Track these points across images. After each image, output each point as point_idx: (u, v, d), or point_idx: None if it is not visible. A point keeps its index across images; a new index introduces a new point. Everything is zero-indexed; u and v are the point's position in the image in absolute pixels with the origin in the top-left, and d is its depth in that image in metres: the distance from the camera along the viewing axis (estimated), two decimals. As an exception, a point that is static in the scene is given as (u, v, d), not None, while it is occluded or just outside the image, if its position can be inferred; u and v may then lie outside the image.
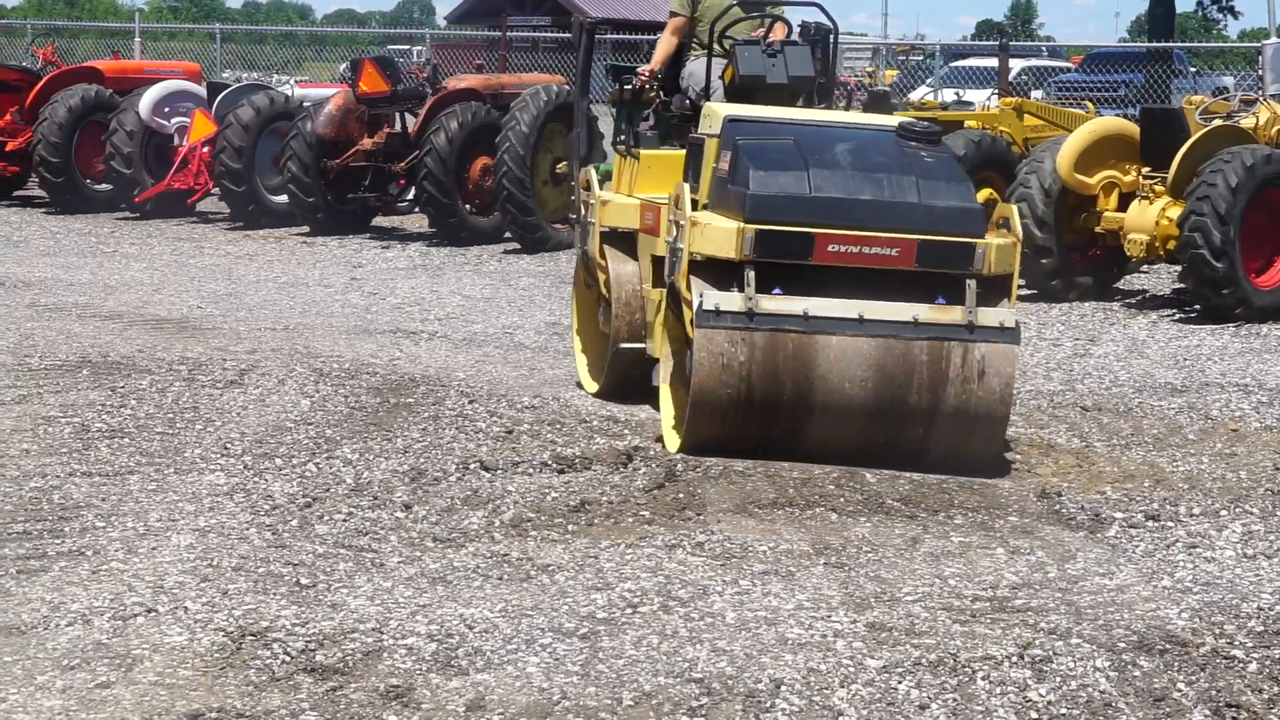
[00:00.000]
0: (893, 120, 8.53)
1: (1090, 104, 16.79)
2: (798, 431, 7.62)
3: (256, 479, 7.30)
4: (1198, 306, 12.68)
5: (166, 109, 19.24)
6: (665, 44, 10.11)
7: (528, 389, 9.32)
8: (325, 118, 17.37)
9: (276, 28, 59.60)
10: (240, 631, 5.38)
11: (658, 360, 8.40)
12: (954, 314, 7.55)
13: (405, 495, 7.05)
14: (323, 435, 8.11)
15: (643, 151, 9.31)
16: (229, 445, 7.88)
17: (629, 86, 9.75)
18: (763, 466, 7.52)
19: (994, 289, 7.70)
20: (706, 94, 9.51)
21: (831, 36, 9.78)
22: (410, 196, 17.73)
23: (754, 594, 5.88)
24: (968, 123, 14.65)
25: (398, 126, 17.70)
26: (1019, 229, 7.97)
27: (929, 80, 29.07)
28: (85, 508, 6.80)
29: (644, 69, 9.98)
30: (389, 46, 37.20)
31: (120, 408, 8.65)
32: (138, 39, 29.83)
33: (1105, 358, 10.93)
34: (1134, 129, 13.42)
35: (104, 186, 19.68)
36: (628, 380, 8.96)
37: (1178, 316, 12.71)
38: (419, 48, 28.53)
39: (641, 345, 8.82)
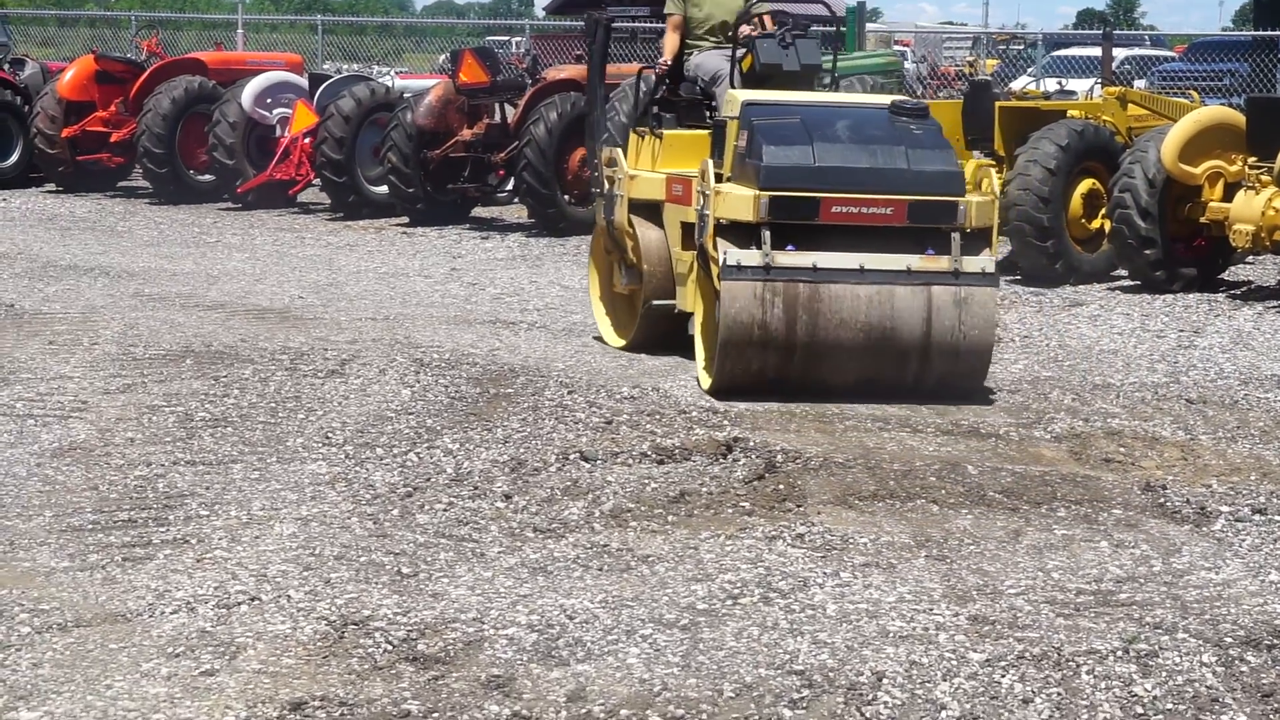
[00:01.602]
0: (885, 99, 9.92)
1: (1195, 93, 16.57)
2: (811, 368, 8.83)
3: (358, 468, 7.34)
4: (1305, 298, 12.51)
5: (269, 100, 19.39)
6: (671, 40, 11.29)
7: (627, 379, 9.32)
8: (425, 109, 17.44)
9: (376, 19, 59.95)
10: (343, 620, 5.41)
11: (688, 314, 9.75)
12: (941, 263, 8.83)
13: (505, 485, 7.07)
14: (423, 425, 8.14)
15: (665, 132, 10.49)
16: (330, 435, 7.93)
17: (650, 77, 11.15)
18: (863, 458, 7.49)
19: (976, 240, 8.98)
20: (714, 81, 10.86)
21: (836, 31, 11.40)
22: (509, 187, 17.78)
23: (855, 586, 5.85)
24: (1071, 112, 14.50)
25: (497, 117, 17.74)
26: (996, 187, 9.35)
27: (1030, 69, 28.84)
28: (189, 496, 6.87)
29: (661, 63, 11.26)
30: (488, 37, 37.33)
31: (223, 397, 8.73)
32: (240, 30, 30.08)
33: (1210, 349, 10.80)
34: (1239, 118, 13.24)
35: (207, 177, 19.85)
36: (655, 334, 10.27)
37: (1284, 308, 12.54)
38: (518, 38, 28.60)
39: (671, 302, 10.04)
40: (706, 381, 9.04)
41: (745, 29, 10.80)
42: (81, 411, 8.39)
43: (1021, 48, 35.59)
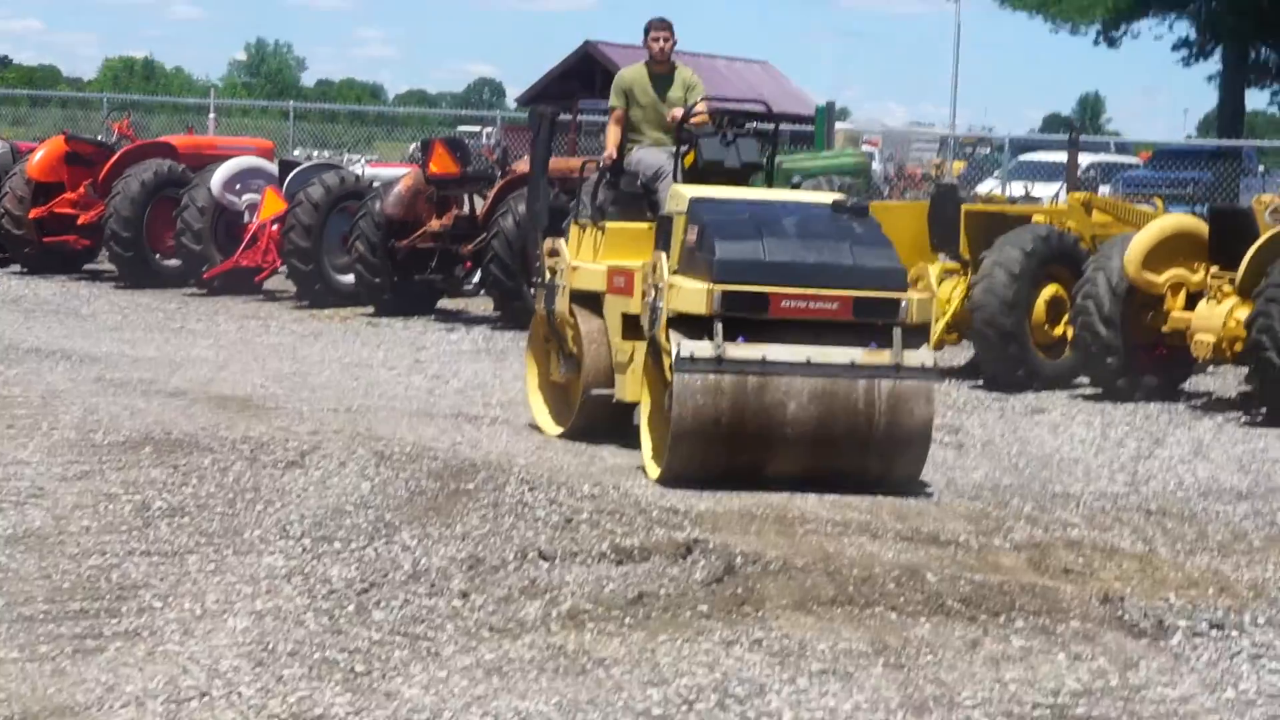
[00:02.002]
0: (828, 198, 10.17)
1: (1159, 201, 16.70)
2: (760, 458, 9.12)
3: (315, 562, 7.30)
4: (1265, 410, 12.56)
5: (238, 185, 19.39)
6: (613, 134, 11.73)
7: (588, 477, 9.29)
8: (394, 198, 17.47)
9: (348, 106, 60.12)
10: (294, 718, 5.36)
11: (625, 402, 10.06)
12: (884, 356, 9.12)
13: (463, 583, 7.03)
14: (382, 519, 8.11)
15: (608, 224, 10.80)
16: (288, 527, 7.89)
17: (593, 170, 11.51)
18: (823, 562, 7.47)
19: (916, 335, 9.28)
20: (655, 177, 11.25)
21: (774, 130, 12.00)
22: (477, 279, 17.78)
23: (811, 694, 5.83)
24: (1035, 217, 14.60)
25: (466, 208, 17.78)
26: (934, 285, 9.52)
27: (996, 173, 29.07)
28: (143, 587, 6.82)
29: (605, 157, 11.57)
30: (459, 128, 37.52)
31: (181, 486, 8.68)
32: (212, 115, 30.15)
33: (1170, 460, 10.83)
34: (1202, 227, 13.34)
35: (173, 262, 19.80)
36: (593, 422, 10.46)
37: (1244, 420, 12.58)
38: (489, 129, 28.77)
39: (610, 391, 10.25)
40: (655, 471, 9.29)
41: (692, 119, 11.17)
42: (38, 498, 8.33)
43: (988, 151, 35.92)
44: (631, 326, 10.03)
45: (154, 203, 19.71)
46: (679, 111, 11.29)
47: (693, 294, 9.15)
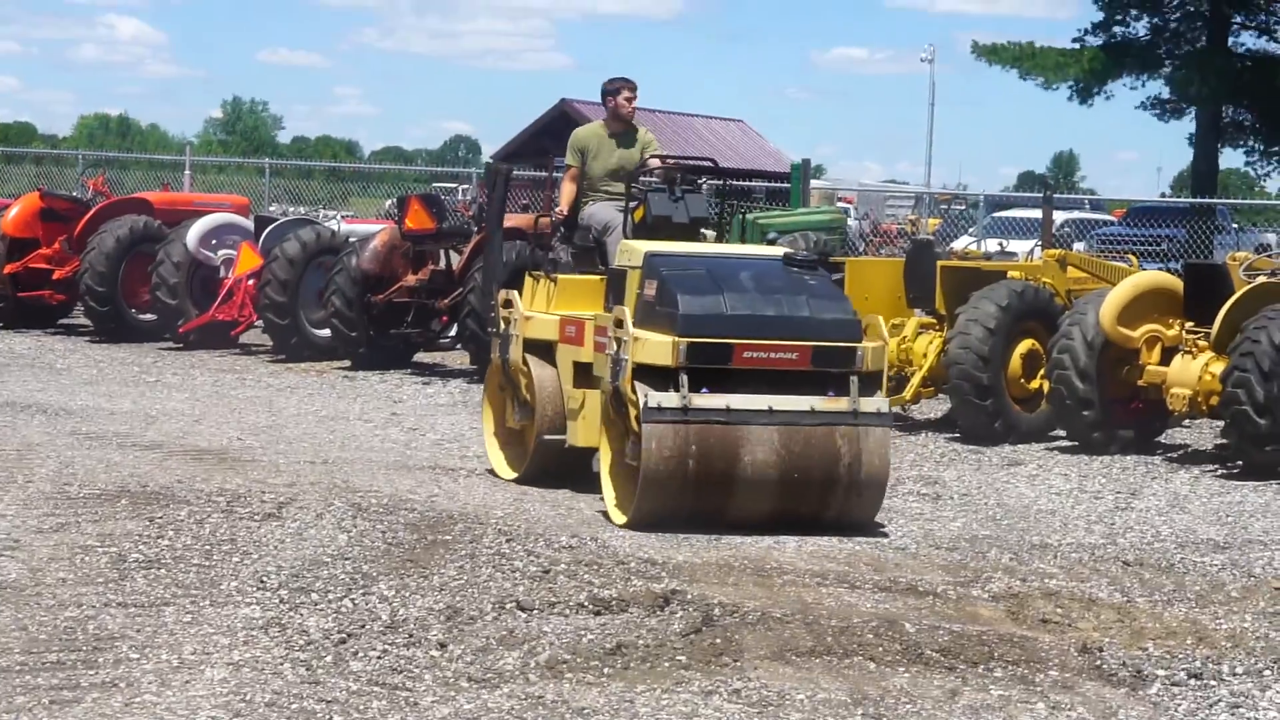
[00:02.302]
0: (779, 251, 10.67)
1: (1133, 258, 16.78)
2: (724, 503, 9.43)
3: (292, 613, 7.27)
4: (1240, 463, 12.60)
5: (214, 241, 19.39)
6: (568, 190, 12.31)
7: (565, 528, 9.29)
8: (370, 253, 17.48)
9: (324, 163, 60.15)
10: (271, 768, 5.33)
11: (578, 449, 10.37)
12: (841, 404, 9.49)
13: (441, 633, 7.01)
14: (359, 571, 8.08)
15: (560, 276, 11.20)
16: (265, 579, 7.86)
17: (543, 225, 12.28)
18: (801, 613, 7.47)
19: (870, 382, 9.64)
20: (605, 231, 11.74)
21: (723, 185, 12.88)
22: (453, 333, 17.79)
23: (791, 744, 5.81)
24: (1011, 273, 14.65)
25: (442, 264, 17.80)
26: (885, 334, 10.02)
27: (971, 230, 29.18)
28: (120, 639, 6.78)
29: (557, 212, 12.26)
30: (435, 184, 37.56)
31: (158, 538, 8.65)
32: (187, 171, 30.18)
33: (1147, 512, 10.85)
34: (1177, 283, 13.40)
35: (149, 316, 19.78)
36: (546, 468, 10.75)
37: (1220, 472, 12.62)
38: (465, 186, 28.80)
39: (562, 437, 10.53)
40: (620, 518, 9.56)
41: (649, 174, 11.70)
42: (13, 550, 8.30)
43: (963, 208, 36.04)
44: (582, 374, 10.35)
45: (129, 258, 19.70)
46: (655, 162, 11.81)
47: (658, 346, 9.44)
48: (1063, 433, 13.67)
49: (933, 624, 7.44)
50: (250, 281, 18.72)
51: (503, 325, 11.21)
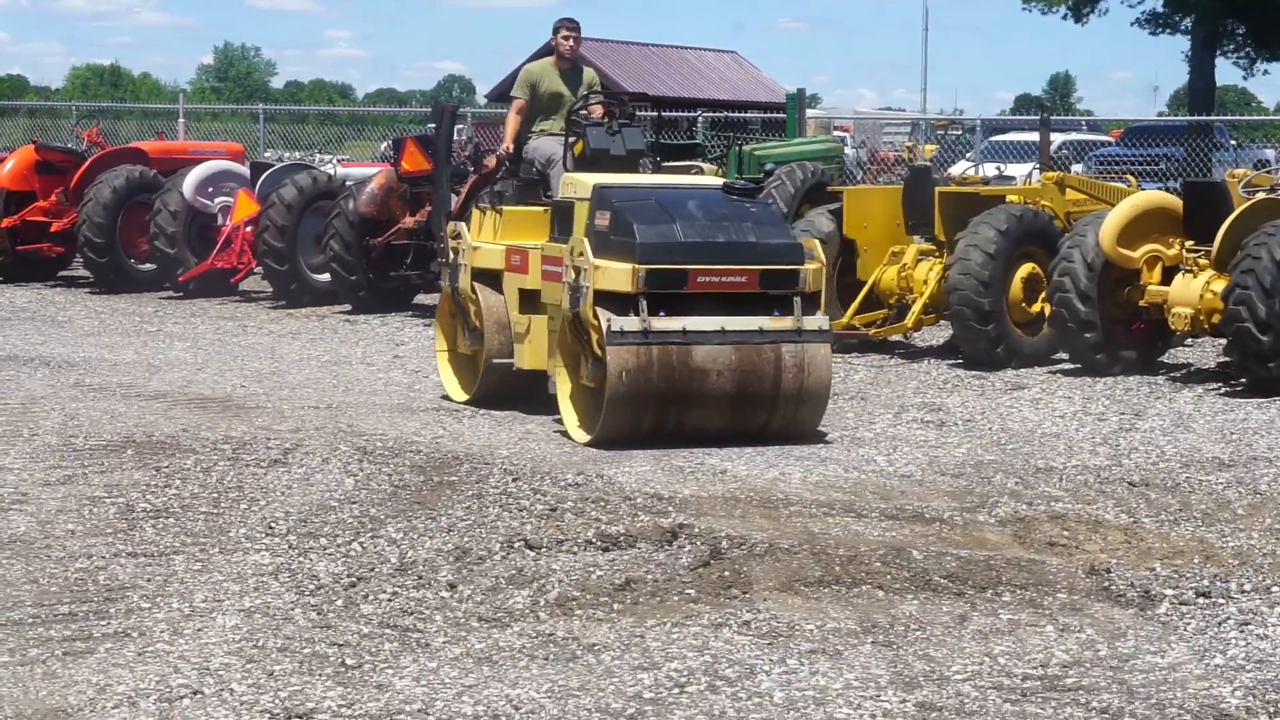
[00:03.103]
0: (718, 181, 11.46)
1: (1132, 178, 16.73)
2: (683, 417, 10.04)
3: (301, 559, 7.29)
4: (1244, 380, 12.61)
5: (210, 189, 19.38)
6: (513, 124, 12.92)
7: (571, 466, 9.30)
8: (367, 196, 17.46)
9: (318, 107, 59.94)
10: (286, 713, 5.36)
11: (529, 370, 11.08)
12: (786, 322, 10.14)
13: (450, 574, 7.03)
14: (367, 514, 8.10)
15: (505, 208, 11.73)
16: (273, 525, 7.88)
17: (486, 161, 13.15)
18: (808, 543, 7.49)
19: (812, 302, 10.29)
20: (548, 164, 12.30)
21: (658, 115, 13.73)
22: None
23: (801, 673, 5.83)
24: (1009, 197, 14.63)
25: (440, 204, 17.74)
26: (822, 256, 10.63)
27: (969, 155, 29.11)
28: (131, 588, 6.80)
29: (502, 149, 13.01)
30: (430, 125, 37.45)
31: (165, 488, 8.67)
32: (181, 119, 30.06)
33: (1151, 432, 10.86)
34: (1176, 203, 13.37)
35: (148, 266, 19.81)
36: (495, 389, 11.46)
37: (1223, 390, 12.62)
38: (460, 126, 28.70)
39: (509, 360, 11.26)
40: (582, 436, 10.16)
41: (594, 111, 12.32)
42: (21, 503, 8.31)
43: (959, 133, 35.94)
44: (528, 301, 11.07)
45: (126, 208, 19.72)
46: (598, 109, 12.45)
47: (619, 274, 9.99)
48: (1065, 356, 13.68)
49: (940, 550, 7.46)
50: (248, 228, 18.71)
51: (451, 255, 11.87)
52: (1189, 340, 14.31)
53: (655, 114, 20.42)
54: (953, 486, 9.00)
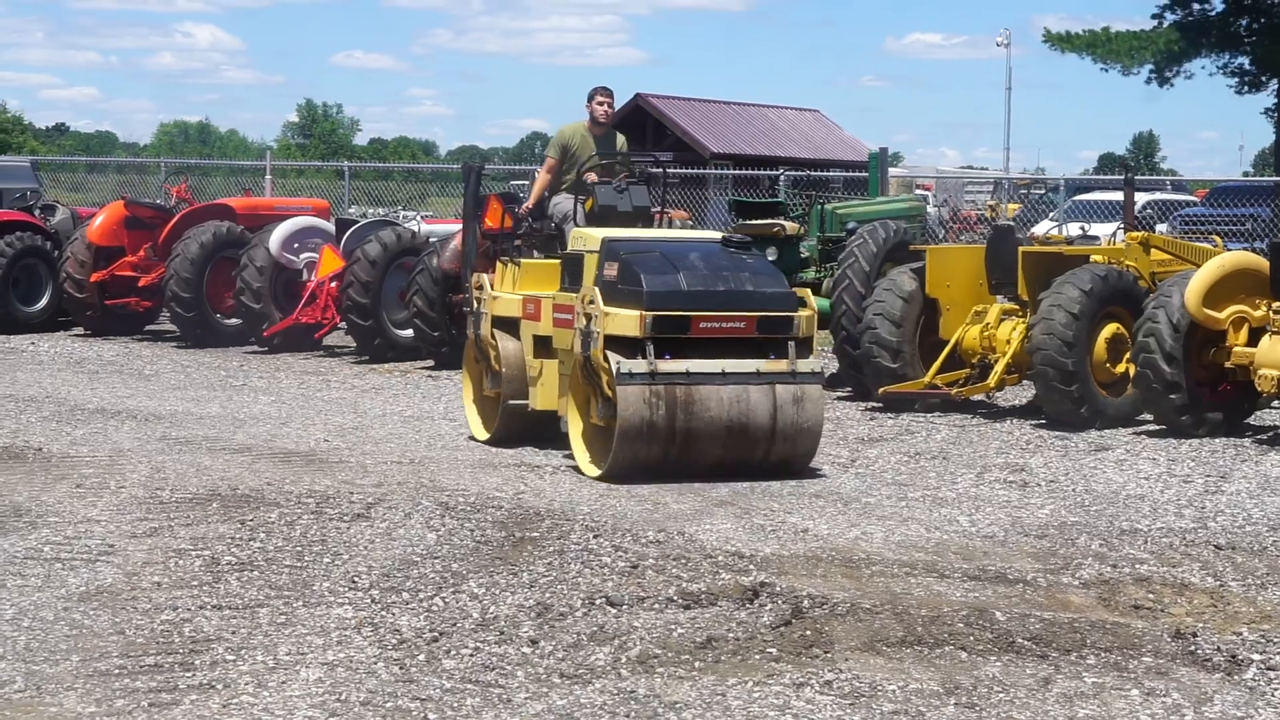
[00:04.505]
0: (716, 235, 12.06)
1: (1218, 238, 16.62)
2: (686, 453, 10.81)
3: (384, 613, 7.33)
4: (1331, 443, 12.47)
5: (295, 245, 19.57)
6: (541, 182, 13.78)
7: (651, 523, 9.31)
8: (451, 253, 17.55)
9: (402, 164, 60.38)
10: (369, 767, 5.37)
11: (542, 410, 11.94)
12: (781, 365, 10.96)
13: (531, 630, 7.05)
14: (449, 569, 8.14)
15: (523, 260, 12.62)
16: (356, 579, 7.92)
17: (513, 216, 13.66)
18: (890, 603, 7.46)
19: (806, 346, 11.11)
20: (564, 220, 13.22)
21: (664, 177, 14.53)
22: (534, 331, 17.82)
23: (884, 734, 5.80)
24: (1094, 257, 14.56)
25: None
26: (814, 304, 11.41)
27: (1052, 214, 28.99)
28: (216, 641, 6.86)
29: (526, 205, 13.76)
30: (512, 182, 37.66)
31: (249, 540, 8.74)
32: (268, 176, 30.38)
33: (1238, 495, 10.76)
34: (1263, 263, 13.27)
35: (233, 321, 19.99)
36: (513, 428, 12.26)
37: (1311, 453, 12.49)
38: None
39: (525, 401, 12.05)
40: (594, 471, 10.92)
41: (591, 176, 13.18)
42: (108, 555, 8.40)
43: (1042, 192, 35.81)
44: (541, 346, 11.86)
45: (213, 263, 19.93)
46: (593, 176, 13.27)
47: (627, 320, 10.81)
48: (1149, 417, 13.57)
49: (1023, 612, 7.41)
50: (333, 284, 18.87)
51: (475, 305, 12.69)
52: (1275, 402, 14.16)
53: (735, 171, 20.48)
54: (1036, 548, 8.94)
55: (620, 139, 13.98)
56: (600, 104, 13.87)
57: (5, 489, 10.21)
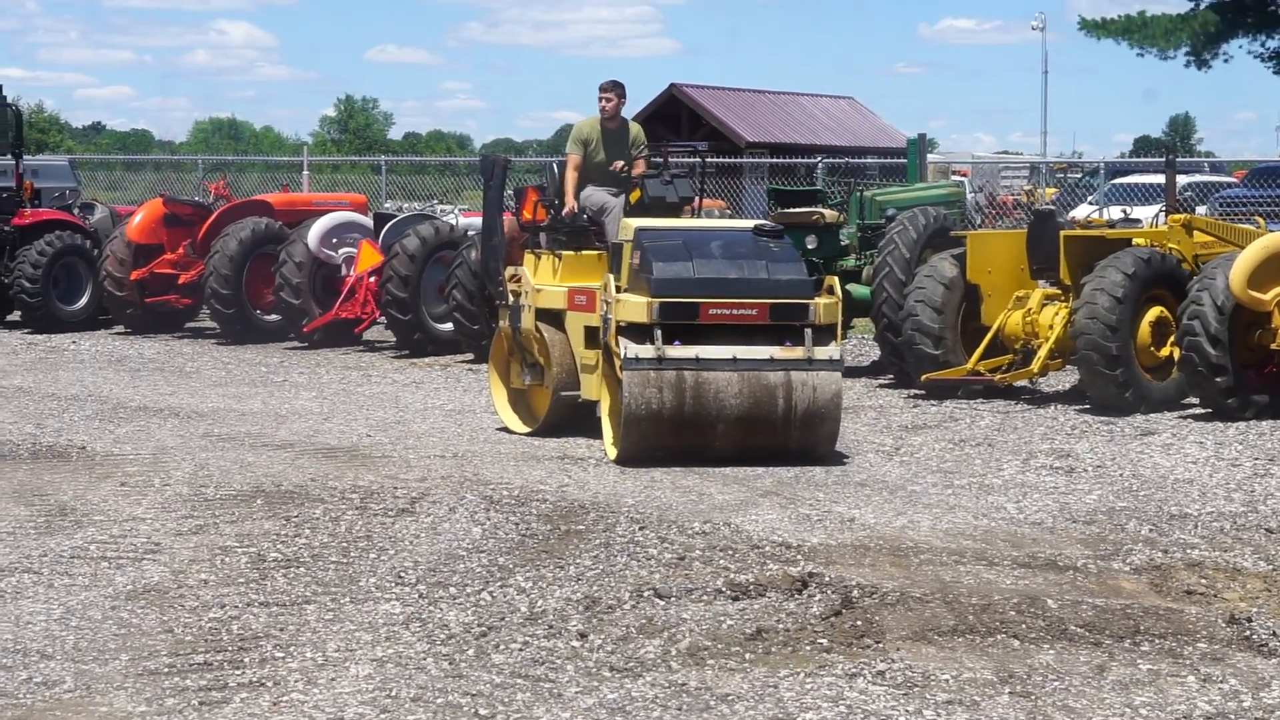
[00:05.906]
0: (750, 224, 12.13)
1: (1260, 219, 16.49)
2: (696, 439, 10.90)
3: (431, 608, 7.30)
4: (1380, 424, 12.36)
5: (334, 240, 19.57)
6: (571, 180, 13.55)
7: (697, 515, 9.27)
8: (490, 246, 17.50)
9: (438, 159, 60.45)
10: (421, 763, 5.35)
11: (595, 401, 11.80)
12: (797, 352, 10.98)
13: (580, 623, 7.02)
14: (495, 563, 8.11)
15: (564, 252, 12.85)
16: (403, 574, 7.90)
17: (554, 213, 13.41)
18: (940, 592, 7.41)
19: (825, 333, 11.10)
20: (601, 211, 13.31)
21: (701, 167, 14.98)
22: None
23: (939, 724, 5.76)
24: (1136, 240, 14.46)
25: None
26: (839, 292, 11.40)
27: (1091, 197, 28.84)
28: (264, 638, 6.84)
29: (566, 211, 13.35)
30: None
31: (295, 537, 8.72)
32: (305, 171, 30.41)
33: (1287, 477, 10.66)
34: (1308, 244, 13.15)
35: (273, 317, 20.01)
36: (562, 419, 12.28)
37: (1359, 434, 12.38)
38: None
39: (576, 393, 12.07)
40: (613, 453, 11.14)
41: (639, 167, 13.43)
42: (155, 553, 8.40)
43: (1080, 176, 35.63)
44: (592, 337, 11.86)
45: (252, 260, 19.94)
46: (620, 163, 13.45)
47: (635, 306, 11.02)
48: (1195, 400, 13.47)
49: (1075, 599, 7.35)
50: (372, 279, 18.87)
51: (511, 298, 12.65)
52: (1322, 383, 14.03)
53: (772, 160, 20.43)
54: (1085, 534, 8.88)
55: (635, 129, 14.01)
56: (605, 99, 13.84)
57: (50, 488, 10.23)
